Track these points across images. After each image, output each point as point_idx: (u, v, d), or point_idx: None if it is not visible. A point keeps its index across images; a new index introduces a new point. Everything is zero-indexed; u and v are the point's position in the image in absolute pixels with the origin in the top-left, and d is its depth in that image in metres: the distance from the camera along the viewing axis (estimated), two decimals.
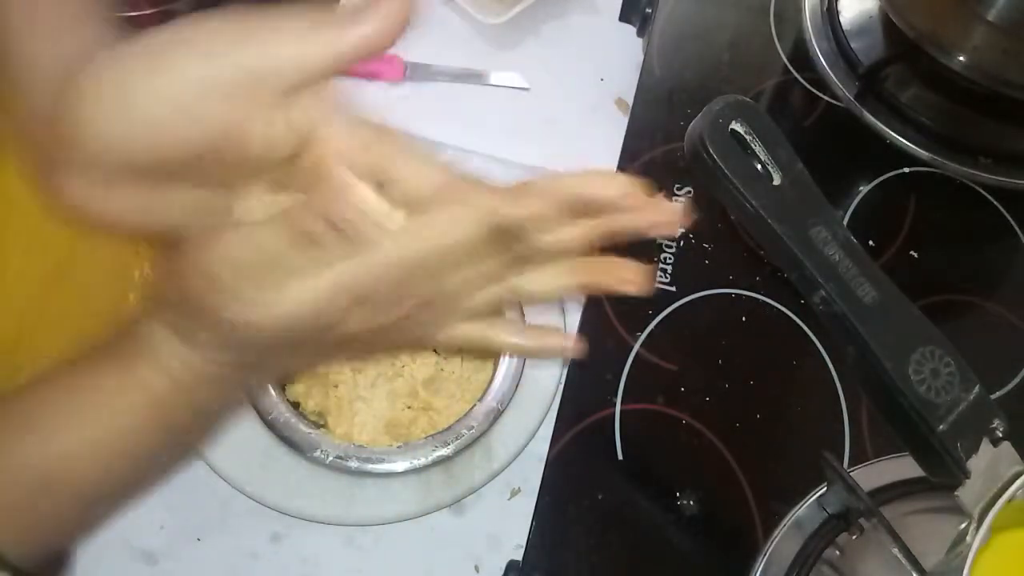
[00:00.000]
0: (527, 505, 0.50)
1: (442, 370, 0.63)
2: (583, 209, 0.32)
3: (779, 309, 0.57)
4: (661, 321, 0.56)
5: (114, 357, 0.32)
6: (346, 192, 0.26)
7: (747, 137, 0.36)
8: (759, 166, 0.36)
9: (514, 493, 0.57)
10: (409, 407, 0.61)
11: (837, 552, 0.46)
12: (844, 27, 0.68)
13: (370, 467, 0.55)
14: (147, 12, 0.69)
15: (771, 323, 0.56)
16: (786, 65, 0.69)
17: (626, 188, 0.32)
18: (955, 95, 0.65)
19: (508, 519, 0.55)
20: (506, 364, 0.60)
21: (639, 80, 0.67)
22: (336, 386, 0.61)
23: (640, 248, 0.57)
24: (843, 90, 0.66)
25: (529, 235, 0.31)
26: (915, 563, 0.38)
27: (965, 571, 0.32)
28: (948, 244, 0.62)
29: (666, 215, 0.33)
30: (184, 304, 0.30)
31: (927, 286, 0.56)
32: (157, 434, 0.32)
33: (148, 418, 0.32)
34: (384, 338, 0.32)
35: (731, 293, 0.57)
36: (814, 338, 0.56)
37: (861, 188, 0.63)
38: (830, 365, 0.55)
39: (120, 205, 0.28)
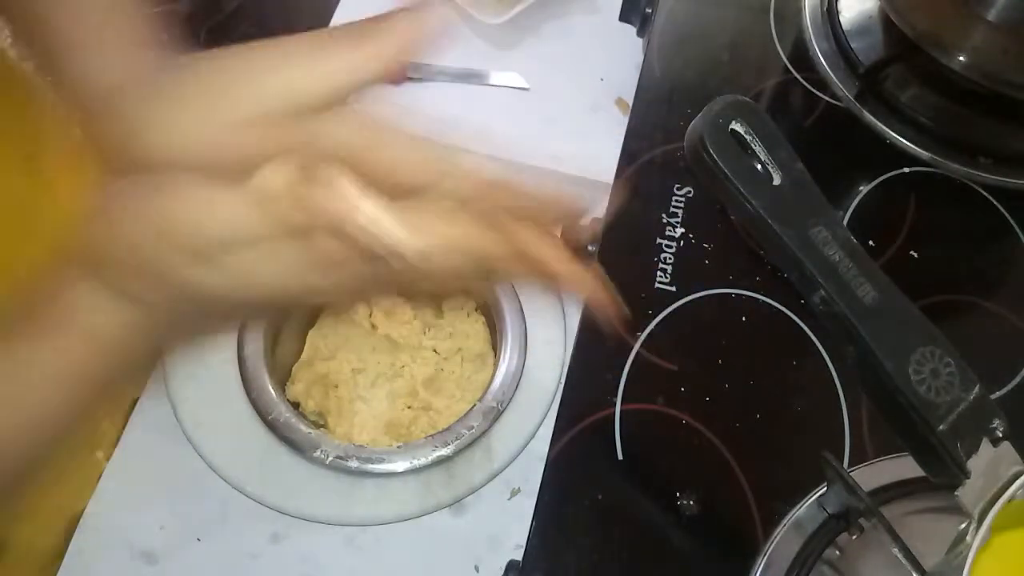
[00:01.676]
0: (527, 505, 0.50)
1: (442, 370, 0.63)
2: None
3: (779, 309, 0.57)
4: (661, 321, 0.56)
5: (17, 335, 0.29)
6: (358, 214, 0.26)
7: (747, 137, 0.36)
8: (759, 166, 0.36)
9: (514, 493, 0.57)
10: (409, 407, 0.61)
11: (837, 552, 0.46)
12: (844, 27, 0.68)
13: (370, 467, 0.55)
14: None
15: (771, 323, 0.56)
16: (786, 65, 0.69)
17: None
18: (955, 95, 0.65)
19: (508, 519, 0.55)
20: (506, 364, 0.60)
21: (639, 80, 0.67)
22: (336, 386, 0.61)
23: (640, 248, 0.58)
24: (843, 90, 0.66)
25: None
26: (915, 563, 0.38)
27: (965, 571, 0.32)
28: (948, 244, 0.62)
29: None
30: (129, 259, 0.27)
31: (927, 286, 0.56)
32: (73, 399, 0.30)
33: (62, 388, 0.29)
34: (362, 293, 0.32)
35: (731, 293, 0.57)
36: (814, 338, 0.55)
37: (861, 188, 0.63)
38: (830, 365, 0.55)
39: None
